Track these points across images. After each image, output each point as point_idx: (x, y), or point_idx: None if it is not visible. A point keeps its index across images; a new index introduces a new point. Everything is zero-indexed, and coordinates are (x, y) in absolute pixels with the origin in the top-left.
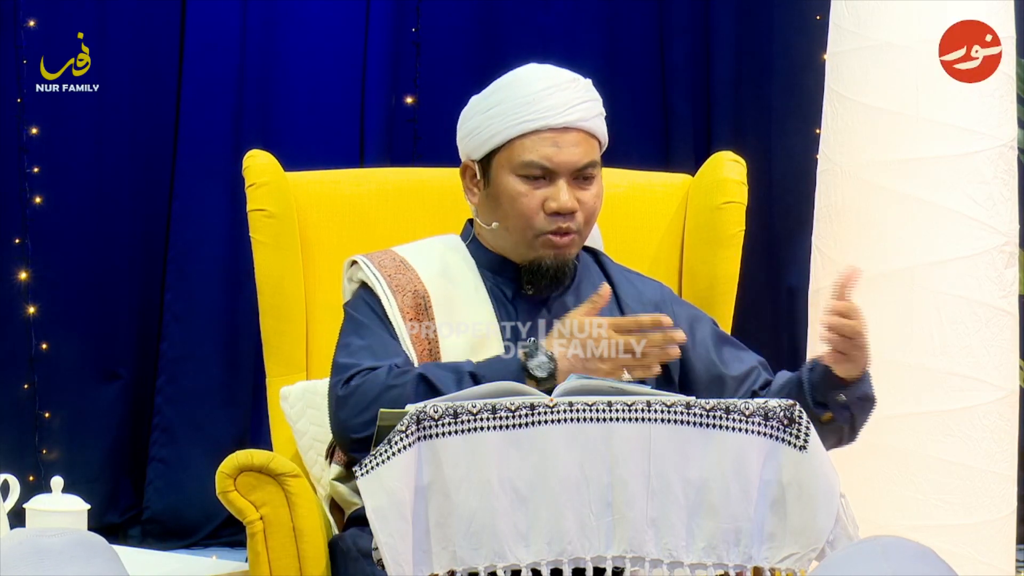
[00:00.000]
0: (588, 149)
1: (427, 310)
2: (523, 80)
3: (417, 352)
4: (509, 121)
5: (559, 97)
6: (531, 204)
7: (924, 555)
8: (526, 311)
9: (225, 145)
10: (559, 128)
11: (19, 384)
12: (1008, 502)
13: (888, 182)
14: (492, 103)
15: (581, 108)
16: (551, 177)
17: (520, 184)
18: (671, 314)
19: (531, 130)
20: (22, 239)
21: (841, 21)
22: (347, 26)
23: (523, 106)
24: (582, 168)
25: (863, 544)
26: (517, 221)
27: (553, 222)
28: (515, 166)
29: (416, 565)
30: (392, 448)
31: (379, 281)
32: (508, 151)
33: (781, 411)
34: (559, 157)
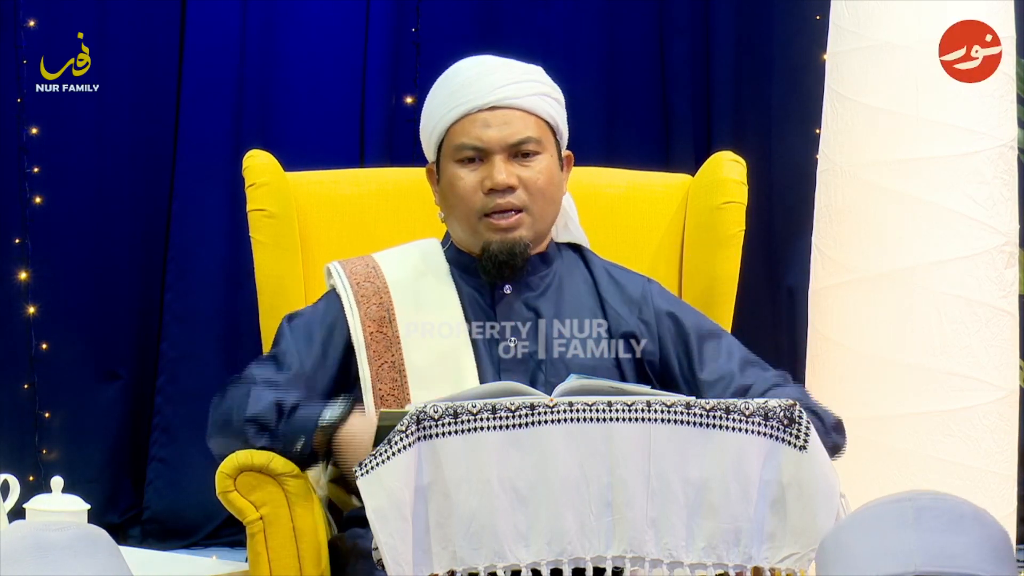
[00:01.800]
0: (523, 126)
1: (391, 321)
2: (452, 72)
3: (379, 363)
4: (442, 112)
5: (487, 80)
6: (468, 186)
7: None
8: (505, 312)
9: (225, 145)
10: (487, 108)
11: (19, 384)
12: (1008, 502)
13: (888, 182)
14: (431, 100)
15: (511, 88)
16: (485, 157)
17: (458, 168)
18: (650, 311)
19: (461, 115)
20: (22, 239)
21: (841, 21)
22: (347, 26)
23: (452, 95)
24: (517, 144)
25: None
26: (459, 206)
27: (491, 200)
28: (452, 152)
29: (416, 565)
30: (392, 448)
31: (346, 290)
32: (447, 141)
33: (781, 411)
34: (487, 135)
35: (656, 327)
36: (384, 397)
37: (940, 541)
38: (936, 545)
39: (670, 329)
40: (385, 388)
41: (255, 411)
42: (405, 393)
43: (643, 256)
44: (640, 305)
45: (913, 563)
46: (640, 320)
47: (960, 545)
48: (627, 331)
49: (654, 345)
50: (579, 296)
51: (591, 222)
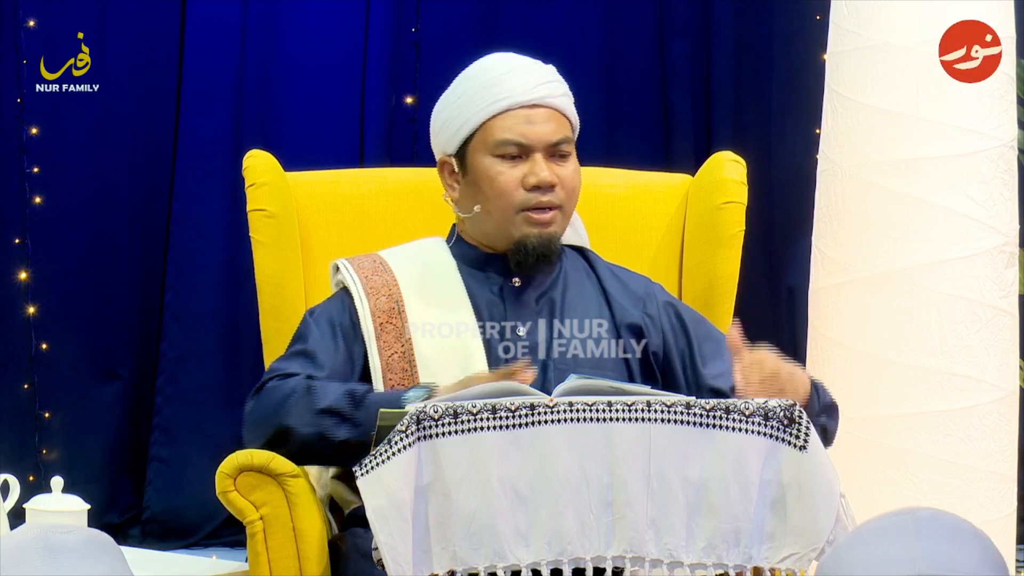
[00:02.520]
0: (560, 126)
1: (400, 313)
2: (485, 67)
3: (385, 358)
4: (478, 105)
5: (522, 77)
6: (510, 181)
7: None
8: (514, 308)
9: (225, 145)
10: (528, 104)
11: (19, 384)
12: (1008, 502)
13: (888, 182)
14: (458, 94)
15: (546, 86)
16: (527, 153)
17: (498, 163)
18: (656, 308)
19: (501, 110)
20: (22, 239)
21: (841, 21)
22: (347, 26)
23: (489, 88)
24: (556, 143)
25: (896, 516)
26: (498, 200)
27: (534, 197)
28: (490, 147)
29: (416, 565)
30: (392, 448)
31: (355, 283)
32: (482, 135)
33: (781, 411)
34: (533, 132)
35: (660, 321)
36: (394, 387)
37: (941, 549)
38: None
39: (673, 324)
40: (396, 378)
41: (328, 402)
42: (415, 383)
43: (643, 256)
44: (644, 300)
45: (916, 567)
46: (645, 314)
47: (961, 554)
48: (632, 323)
49: (659, 338)
50: (585, 292)
51: (591, 222)
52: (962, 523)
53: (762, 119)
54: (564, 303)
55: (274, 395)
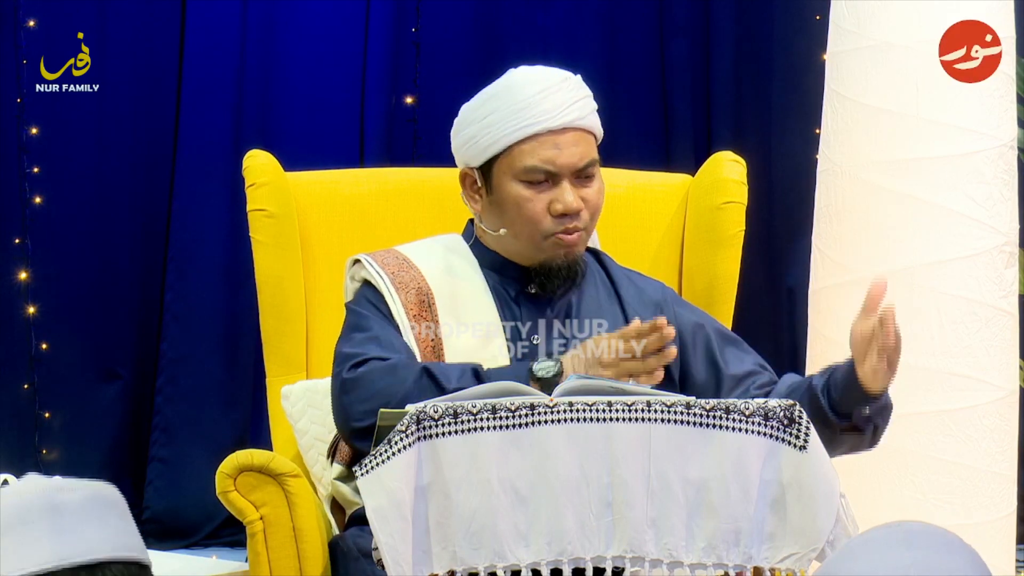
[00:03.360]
0: (587, 148)
1: (430, 308)
2: (516, 85)
3: (421, 350)
4: (507, 128)
5: (554, 99)
6: (537, 208)
7: (949, 544)
8: (529, 311)
9: (225, 145)
10: (557, 130)
11: (19, 384)
12: (1008, 502)
13: (888, 182)
14: (487, 111)
15: (576, 107)
16: (554, 180)
17: (524, 189)
18: (671, 315)
19: (530, 135)
20: (22, 239)
21: (841, 21)
22: (347, 26)
23: (519, 112)
24: (583, 168)
25: (885, 530)
26: (525, 226)
27: (560, 223)
28: (517, 172)
29: (416, 565)
30: (392, 448)
31: (383, 278)
32: (508, 158)
33: (781, 411)
34: (560, 159)
35: (678, 330)
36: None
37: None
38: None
39: (694, 337)
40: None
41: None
42: None
43: (643, 256)
44: (660, 307)
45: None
46: None
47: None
48: None
49: (675, 344)
50: (599, 297)
51: None
52: (950, 535)
53: (762, 119)
54: (579, 308)
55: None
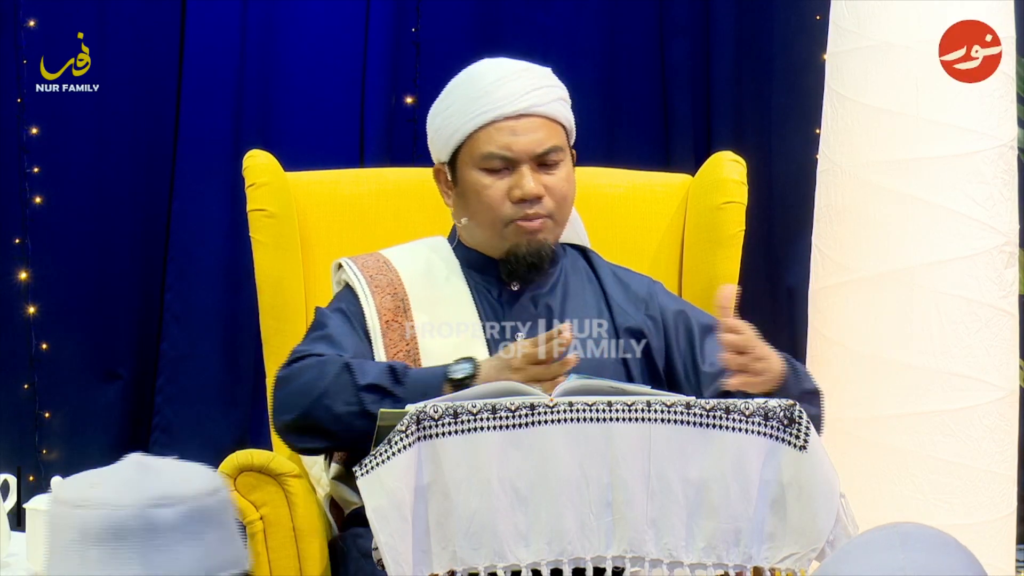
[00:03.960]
0: (548, 134)
1: (406, 311)
2: (475, 75)
3: (393, 354)
4: (465, 116)
5: (510, 86)
6: (496, 194)
7: (945, 544)
8: (513, 310)
9: (225, 145)
10: (514, 116)
11: (19, 384)
12: (1008, 502)
13: (888, 182)
14: (449, 103)
15: (535, 94)
16: (513, 166)
17: (484, 177)
18: (656, 309)
19: (487, 122)
20: (22, 239)
21: (841, 21)
22: (347, 26)
23: (476, 100)
24: (543, 153)
25: (881, 531)
26: (486, 214)
27: (520, 209)
28: (476, 159)
29: (416, 565)
30: (392, 448)
31: (359, 281)
32: (469, 146)
33: (781, 411)
34: (517, 145)
35: (663, 323)
36: None
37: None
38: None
39: (677, 328)
40: None
41: (370, 379)
42: None
43: (643, 256)
44: (647, 302)
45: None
46: (647, 316)
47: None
48: (633, 327)
49: (660, 341)
50: (584, 294)
51: (591, 222)
52: (946, 536)
53: (762, 119)
54: (564, 306)
55: (309, 372)
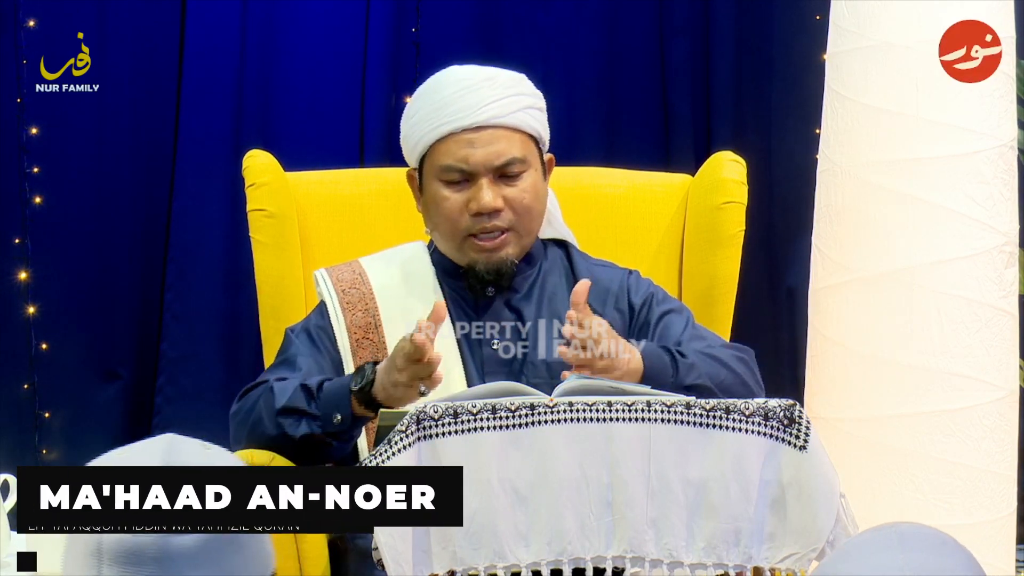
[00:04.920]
0: (507, 146)
1: (377, 327)
2: (437, 85)
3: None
4: (426, 127)
5: (469, 98)
6: (453, 208)
7: (943, 544)
8: (490, 316)
9: (225, 145)
10: (472, 128)
11: (19, 384)
12: (1008, 502)
13: (888, 182)
14: (414, 111)
15: (496, 106)
16: (471, 178)
17: (443, 189)
18: (626, 301)
19: (445, 134)
20: (22, 239)
21: (841, 21)
22: (347, 26)
23: (437, 111)
24: (501, 166)
25: (879, 531)
26: (445, 226)
27: (478, 222)
28: (436, 171)
29: (416, 565)
30: (392, 448)
31: (332, 298)
32: (430, 158)
33: (781, 411)
34: (474, 158)
35: (629, 315)
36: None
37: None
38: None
39: (639, 315)
40: None
41: (284, 401)
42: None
43: (643, 256)
44: (617, 296)
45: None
46: (616, 310)
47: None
48: None
49: (624, 334)
50: (560, 295)
51: (591, 222)
52: (944, 536)
53: (762, 119)
54: (538, 308)
55: (247, 402)
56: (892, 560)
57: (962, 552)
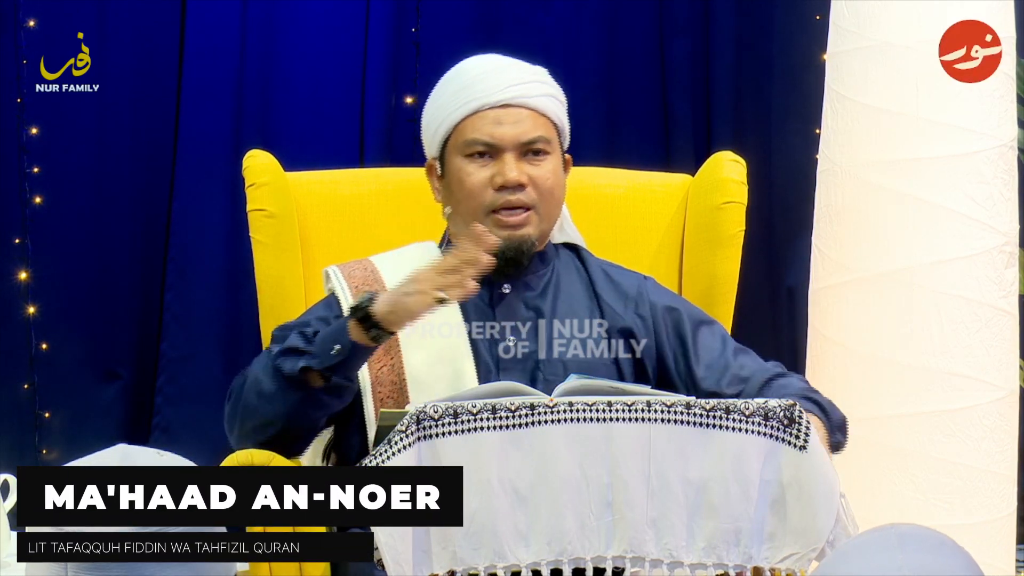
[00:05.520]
0: (535, 125)
1: None
2: (463, 68)
3: (376, 367)
4: (451, 107)
5: (496, 78)
6: (477, 183)
7: (942, 545)
8: (505, 312)
9: (225, 145)
10: (499, 105)
11: (19, 384)
12: (1008, 502)
13: (888, 182)
14: (438, 96)
15: (522, 86)
16: (496, 153)
17: (467, 164)
18: (645, 305)
19: (472, 111)
20: (22, 239)
21: (841, 21)
22: (347, 26)
23: (463, 90)
24: (529, 142)
25: (879, 532)
26: (467, 201)
27: (502, 197)
28: (461, 147)
29: (416, 565)
30: (392, 448)
31: (344, 292)
32: (455, 136)
33: (781, 411)
34: (500, 131)
35: (652, 322)
36: (383, 400)
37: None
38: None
39: (666, 323)
40: (384, 391)
41: (282, 346)
42: (404, 396)
43: (643, 256)
44: (636, 301)
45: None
46: (637, 315)
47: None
48: (624, 327)
49: (651, 340)
50: (576, 295)
51: (591, 222)
52: (942, 537)
53: (762, 119)
54: (554, 307)
55: (238, 382)
56: (891, 561)
57: (960, 553)
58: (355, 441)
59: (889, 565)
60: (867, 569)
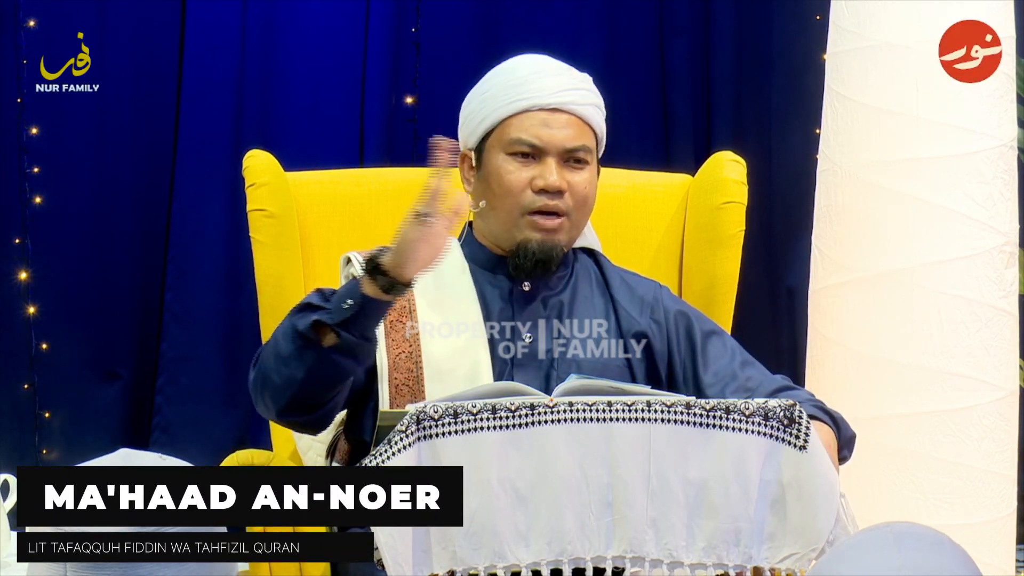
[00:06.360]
0: (579, 133)
1: (411, 312)
2: (515, 65)
3: (395, 353)
4: (499, 102)
5: (549, 80)
6: (518, 181)
7: (939, 543)
8: (524, 309)
9: (225, 145)
10: (548, 108)
11: (19, 384)
12: (1008, 502)
13: (888, 182)
14: (486, 88)
15: (573, 93)
16: (540, 156)
17: (509, 162)
18: (660, 311)
19: (521, 109)
20: (22, 239)
21: (841, 21)
22: (347, 26)
23: (514, 87)
24: (573, 150)
25: (875, 531)
26: (505, 199)
27: (540, 199)
28: (504, 144)
29: (416, 565)
30: (392, 448)
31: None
32: (499, 132)
33: (781, 411)
34: (547, 135)
35: (667, 327)
36: (399, 387)
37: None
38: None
39: (678, 329)
40: (400, 378)
41: (301, 303)
42: (420, 385)
43: (643, 256)
44: (652, 306)
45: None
46: (652, 320)
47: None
48: (638, 331)
49: (663, 346)
50: (592, 297)
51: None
52: (939, 535)
53: (762, 119)
54: (572, 307)
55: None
56: (888, 559)
57: (958, 551)
58: (368, 424)
59: (886, 564)
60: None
